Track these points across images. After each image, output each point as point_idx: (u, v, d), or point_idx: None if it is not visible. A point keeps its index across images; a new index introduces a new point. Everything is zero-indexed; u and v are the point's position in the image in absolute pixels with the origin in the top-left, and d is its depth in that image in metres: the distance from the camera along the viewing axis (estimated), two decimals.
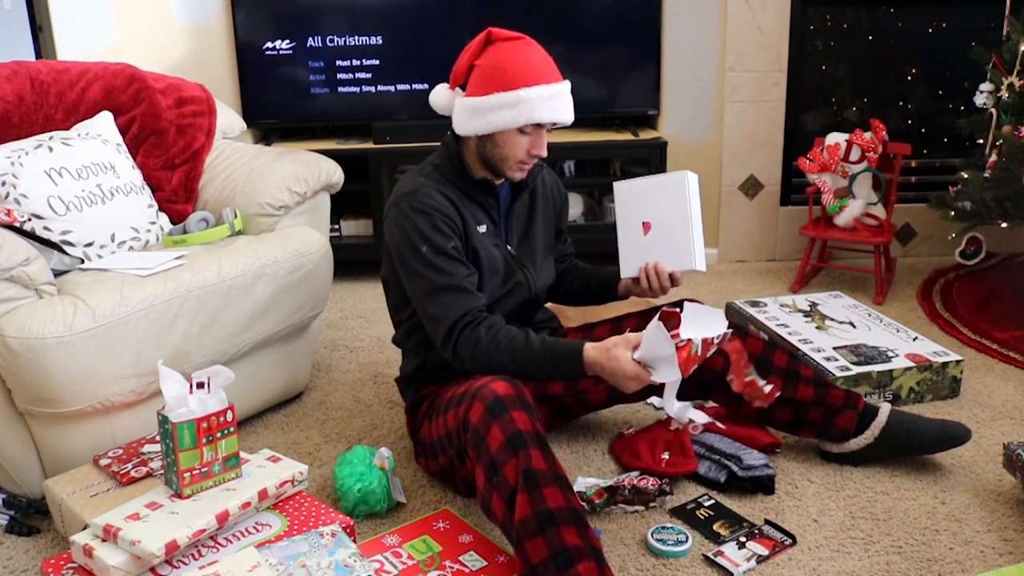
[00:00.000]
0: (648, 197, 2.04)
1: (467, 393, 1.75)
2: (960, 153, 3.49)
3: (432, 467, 2.00)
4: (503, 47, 1.85)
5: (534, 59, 1.85)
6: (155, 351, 1.98)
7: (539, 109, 1.82)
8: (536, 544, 1.54)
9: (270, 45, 3.42)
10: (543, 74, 1.84)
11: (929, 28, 3.62)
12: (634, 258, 2.04)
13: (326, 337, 2.93)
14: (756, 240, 3.71)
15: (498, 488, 1.61)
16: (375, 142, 3.45)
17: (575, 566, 1.50)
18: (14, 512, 1.93)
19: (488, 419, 1.66)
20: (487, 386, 1.71)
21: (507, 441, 1.62)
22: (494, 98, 1.82)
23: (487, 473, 1.64)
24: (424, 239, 1.84)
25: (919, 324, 2.97)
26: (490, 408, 1.67)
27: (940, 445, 2.03)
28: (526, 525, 1.55)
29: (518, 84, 1.81)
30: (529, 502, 1.56)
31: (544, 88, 1.82)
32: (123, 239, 2.26)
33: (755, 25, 3.45)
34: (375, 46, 3.46)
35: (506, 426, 1.64)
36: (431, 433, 1.92)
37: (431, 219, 1.85)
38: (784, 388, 2.01)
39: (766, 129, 3.57)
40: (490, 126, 1.85)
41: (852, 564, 1.76)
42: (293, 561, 1.59)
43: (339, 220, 3.49)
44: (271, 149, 2.67)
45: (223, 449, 1.75)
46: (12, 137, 2.30)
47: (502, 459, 1.62)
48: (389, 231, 1.93)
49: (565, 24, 3.49)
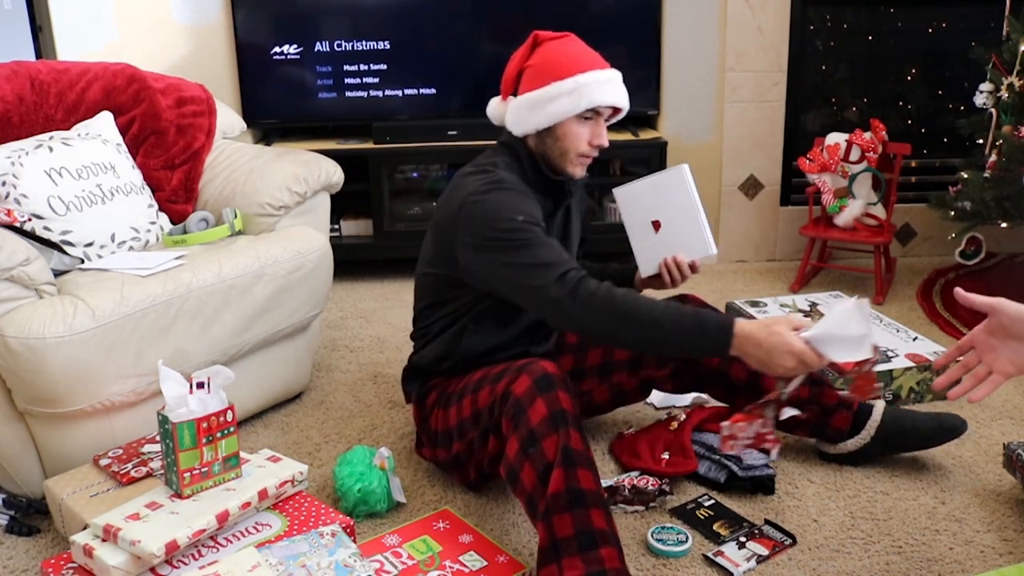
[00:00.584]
0: (650, 197, 2.06)
1: (508, 370, 1.75)
2: (960, 153, 3.49)
3: (441, 456, 1.98)
4: (551, 45, 1.89)
5: (584, 50, 1.90)
6: (155, 351, 1.98)
7: (597, 92, 1.83)
8: (564, 520, 1.55)
9: (278, 50, 3.42)
10: (596, 61, 1.88)
11: (929, 28, 3.62)
12: (651, 257, 2.06)
13: (326, 337, 2.93)
14: (756, 240, 3.71)
15: (533, 459, 1.62)
16: (375, 142, 3.45)
17: (598, 548, 1.53)
18: (14, 512, 1.93)
19: (534, 392, 1.66)
20: (535, 363, 1.72)
21: (550, 416, 1.63)
22: (552, 88, 1.83)
23: (523, 444, 1.64)
24: (520, 211, 1.78)
25: (919, 324, 2.97)
26: (537, 382, 1.67)
27: (937, 438, 2.03)
28: (557, 499, 1.57)
29: (574, 71, 1.83)
30: (564, 478, 1.58)
31: (600, 73, 1.85)
32: (123, 239, 2.26)
33: (755, 25, 3.45)
34: (382, 50, 3.46)
35: (551, 402, 1.65)
36: (445, 420, 1.91)
37: (524, 197, 1.83)
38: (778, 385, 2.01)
39: (766, 129, 3.57)
40: (550, 117, 1.85)
41: (852, 564, 1.76)
42: (293, 561, 1.59)
43: (339, 220, 3.49)
44: (271, 149, 2.67)
45: (223, 449, 1.75)
46: (12, 137, 2.30)
47: (543, 432, 1.63)
48: (470, 219, 1.80)
49: (565, 24, 3.44)
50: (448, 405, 1.92)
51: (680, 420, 2.14)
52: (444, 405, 1.94)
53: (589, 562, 1.52)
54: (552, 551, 1.55)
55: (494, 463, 1.82)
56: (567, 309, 1.70)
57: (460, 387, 1.90)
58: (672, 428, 2.12)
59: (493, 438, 1.78)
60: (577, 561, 1.52)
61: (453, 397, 1.91)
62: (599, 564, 1.53)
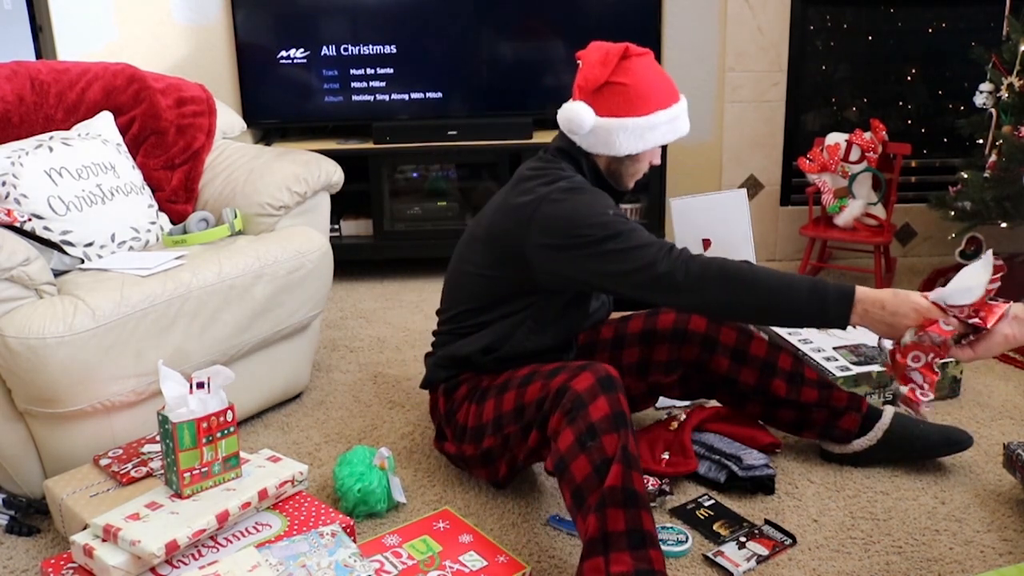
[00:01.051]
0: (706, 214, 2.08)
1: (565, 368, 1.76)
2: (960, 153, 3.49)
3: (468, 451, 1.96)
4: (643, 63, 1.87)
5: (667, 75, 1.93)
6: (155, 351, 1.98)
7: (684, 122, 1.93)
8: (617, 514, 1.56)
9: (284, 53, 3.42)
10: (674, 90, 1.93)
11: (929, 28, 3.62)
12: None
13: (326, 337, 2.93)
14: (756, 240, 3.69)
15: (590, 452, 1.62)
16: (375, 142, 3.45)
17: (648, 549, 1.55)
18: (14, 512, 1.93)
19: (597, 390, 1.67)
20: (597, 364, 1.73)
21: (613, 415, 1.65)
22: (655, 117, 1.87)
23: (580, 437, 1.64)
24: (607, 206, 1.81)
25: None
26: (601, 381, 1.68)
27: (942, 449, 2.04)
28: (614, 493, 1.58)
29: (671, 101, 1.89)
30: (622, 475, 1.59)
31: (678, 106, 1.91)
32: (123, 239, 2.26)
33: (755, 25, 3.45)
34: (388, 54, 3.46)
35: (613, 403, 1.66)
36: (479, 415, 1.90)
37: (605, 196, 1.86)
38: (788, 390, 2.02)
39: (766, 129, 3.57)
40: (650, 143, 1.89)
41: (852, 564, 1.76)
42: (293, 561, 1.59)
43: (339, 220, 3.49)
44: (271, 149, 2.67)
45: (223, 449, 1.75)
46: (12, 137, 2.30)
47: (604, 428, 1.63)
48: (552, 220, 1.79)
49: (565, 24, 3.48)
50: (483, 400, 1.91)
51: (680, 420, 2.14)
52: (478, 400, 1.92)
53: (638, 560, 1.54)
54: (601, 543, 1.56)
55: (531, 457, 1.84)
56: (680, 281, 1.68)
57: (500, 382, 1.89)
58: (672, 428, 2.12)
59: (536, 432, 1.78)
60: (626, 556, 1.53)
61: (491, 391, 1.90)
62: (648, 564, 1.54)
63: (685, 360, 2.04)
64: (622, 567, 1.52)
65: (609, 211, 1.78)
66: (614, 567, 1.53)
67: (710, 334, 2.02)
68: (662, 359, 2.04)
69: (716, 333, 2.02)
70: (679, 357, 2.04)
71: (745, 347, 2.02)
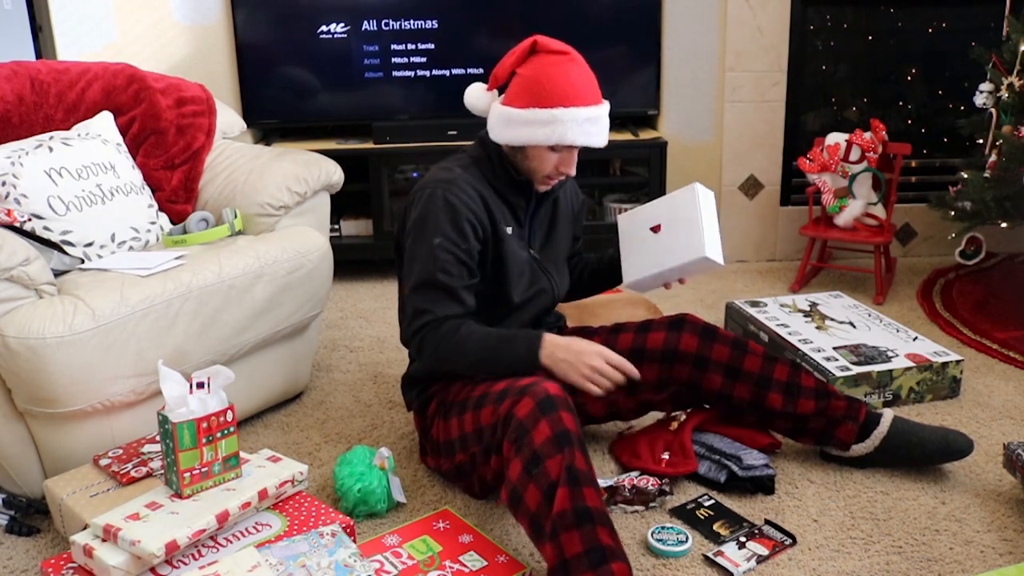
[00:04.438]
0: (654, 210, 2.05)
1: (510, 390, 1.74)
2: (960, 153, 3.49)
3: (444, 466, 1.98)
4: (547, 60, 1.83)
5: (575, 78, 1.82)
6: (155, 351, 1.98)
7: (572, 132, 1.81)
8: (572, 537, 1.55)
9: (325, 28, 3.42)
10: (582, 95, 1.82)
11: (929, 28, 3.62)
12: (637, 262, 2.03)
13: (326, 337, 2.93)
14: (756, 240, 3.71)
15: (537, 480, 1.62)
16: (375, 142, 3.45)
17: (609, 563, 1.52)
18: (14, 512, 1.93)
19: (537, 414, 1.66)
20: (538, 384, 1.72)
21: (554, 437, 1.63)
22: (529, 113, 1.82)
23: (527, 465, 1.64)
24: (441, 232, 1.84)
25: (919, 324, 2.97)
26: (540, 404, 1.67)
27: (940, 457, 2.02)
28: (564, 518, 1.56)
29: (555, 103, 1.80)
30: (569, 496, 1.58)
31: (581, 111, 1.81)
32: (123, 239, 2.26)
33: (755, 25, 3.45)
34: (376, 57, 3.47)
35: (555, 423, 1.65)
36: (447, 431, 1.91)
37: (456, 216, 1.84)
38: (785, 403, 2.01)
39: (766, 129, 3.57)
40: (521, 139, 1.85)
41: (852, 564, 1.76)
42: (293, 561, 1.59)
43: (339, 220, 3.49)
44: (271, 149, 2.67)
45: (223, 449, 1.75)
46: (12, 137, 2.30)
47: (547, 453, 1.62)
48: (414, 210, 1.89)
49: (565, 24, 3.48)
50: (448, 417, 1.91)
51: (680, 420, 2.14)
52: (444, 416, 1.93)
53: None
54: (562, 569, 1.54)
55: (497, 478, 1.81)
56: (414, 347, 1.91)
57: (462, 398, 1.89)
58: (672, 428, 2.12)
59: (495, 456, 1.78)
60: None
61: (454, 408, 1.90)
62: None
63: (676, 379, 2.02)
64: None
65: (436, 239, 1.83)
66: None
67: (702, 353, 2.00)
68: (652, 378, 2.02)
69: (708, 351, 2.00)
70: (670, 376, 2.02)
71: (739, 363, 2.00)
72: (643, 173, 3.54)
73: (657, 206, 2.06)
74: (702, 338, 2.01)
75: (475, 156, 1.96)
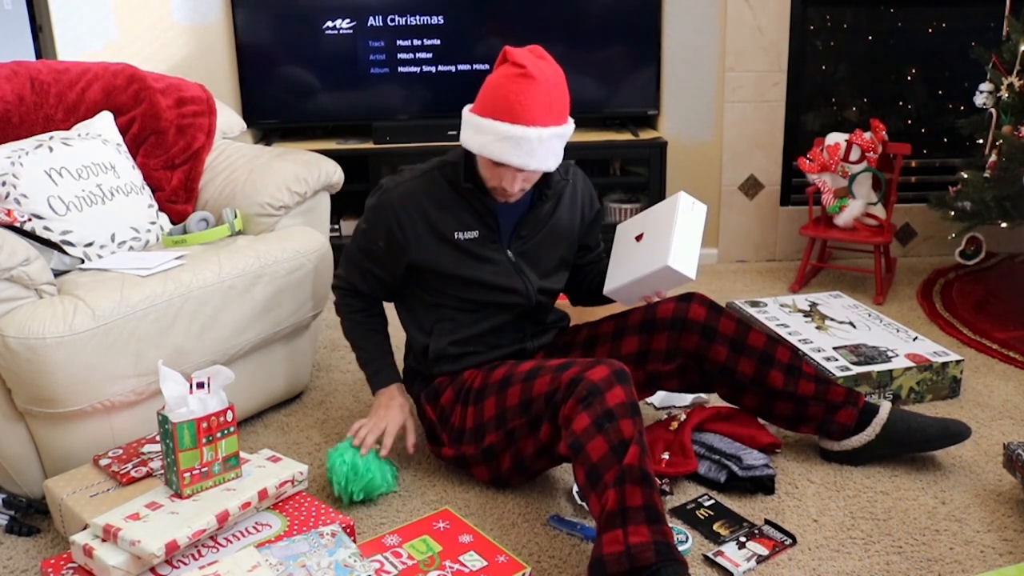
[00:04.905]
0: (643, 218, 2.06)
1: (576, 363, 1.81)
2: (960, 153, 3.49)
3: (468, 451, 1.98)
4: (504, 71, 1.82)
5: (518, 94, 1.77)
6: (155, 351, 1.98)
7: (492, 146, 1.80)
8: (635, 491, 1.62)
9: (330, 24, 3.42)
10: (515, 112, 1.77)
11: (929, 28, 3.62)
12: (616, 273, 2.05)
13: (326, 337, 2.93)
14: (756, 240, 3.71)
15: (607, 433, 1.68)
16: (375, 142, 3.45)
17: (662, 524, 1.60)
18: (14, 512, 1.93)
19: (613, 380, 1.73)
20: (606, 360, 1.79)
21: (630, 404, 1.72)
22: (471, 118, 1.85)
23: (597, 420, 1.69)
24: (361, 231, 2.05)
25: (919, 324, 2.97)
26: (616, 374, 1.75)
27: (941, 441, 2.04)
28: (632, 471, 1.63)
29: (487, 113, 1.81)
30: (640, 456, 1.65)
31: (503, 126, 1.77)
32: (123, 239, 2.26)
33: (755, 25, 3.45)
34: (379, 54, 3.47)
35: (629, 393, 1.74)
36: (478, 414, 1.94)
37: (374, 219, 1.99)
38: (786, 382, 2.03)
39: (766, 129, 3.57)
40: (466, 143, 1.88)
41: (852, 564, 1.76)
42: (293, 561, 1.59)
43: (339, 220, 3.49)
44: (271, 149, 2.67)
45: (223, 449, 1.75)
46: (12, 137, 2.30)
47: (621, 413, 1.70)
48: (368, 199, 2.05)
49: (565, 24, 3.48)
50: (481, 398, 1.94)
51: (680, 420, 2.14)
52: (475, 400, 1.95)
53: (655, 533, 1.58)
54: (620, 516, 1.60)
55: (540, 452, 1.87)
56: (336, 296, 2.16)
57: (499, 379, 1.92)
58: (672, 428, 2.12)
59: (547, 425, 1.81)
60: (644, 529, 1.58)
61: (489, 389, 1.93)
62: (663, 537, 1.58)
63: (684, 349, 2.04)
64: (641, 538, 1.57)
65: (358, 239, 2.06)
66: (632, 538, 1.57)
67: (709, 323, 2.03)
68: (661, 347, 2.05)
69: (715, 323, 2.03)
70: (678, 345, 2.04)
71: (743, 337, 2.03)
72: (643, 173, 3.54)
73: (647, 214, 2.07)
74: (710, 310, 2.05)
75: (447, 160, 2.00)
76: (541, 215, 2.04)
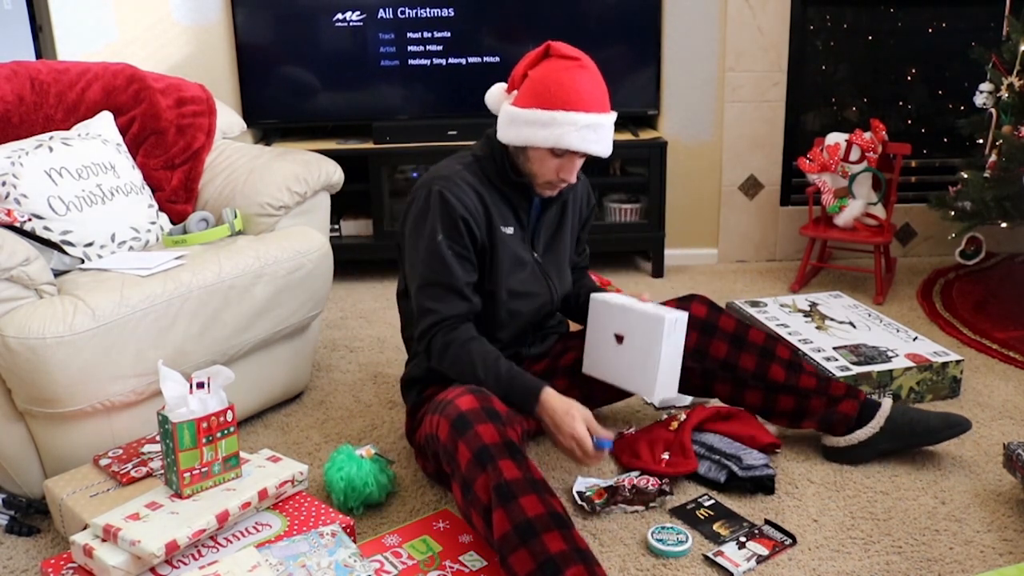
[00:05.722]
0: (624, 316, 1.97)
1: (439, 405, 1.75)
2: (960, 153, 3.49)
3: (428, 469, 2.00)
4: (556, 64, 1.84)
5: (581, 84, 1.81)
6: (155, 351, 1.98)
7: (569, 136, 1.81)
8: (521, 557, 1.52)
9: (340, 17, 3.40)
10: (585, 101, 1.81)
11: (929, 28, 3.62)
12: (598, 360, 2.04)
13: (326, 337, 2.93)
14: (756, 240, 3.71)
15: (474, 505, 1.62)
16: (375, 142, 3.45)
17: (563, 572, 1.49)
18: (14, 512, 1.93)
19: (455, 436, 1.66)
20: (452, 402, 1.71)
21: (474, 458, 1.63)
22: (530, 113, 1.82)
23: (462, 490, 1.65)
24: (441, 229, 1.86)
25: (919, 324, 2.97)
26: (455, 425, 1.67)
27: (944, 432, 2.04)
28: (507, 540, 1.54)
29: (556, 105, 1.80)
30: (506, 516, 1.56)
31: (581, 116, 1.80)
32: (123, 239, 2.26)
33: (755, 25, 3.45)
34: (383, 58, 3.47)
35: (471, 442, 1.64)
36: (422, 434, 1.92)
37: (452, 214, 1.86)
38: (787, 376, 2.04)
39: (766, 129, 3.57)
40: (521, 139, 1.86)
41: (852, 564, 1.76)
42: (293, 561, 1.59)
43: (339, 220, 3.49)
44: (271, 149, 2.67)
45: (223, 449, 1.75)
46: (12, 137, 2.30)
47: (472, 476, 1.62)
48: (414, 207, 1.92)
49: (565, 24, 3.48)
50: (422, 421, 1.93)
51: (680, 420, 2.14)
52: (420, 421, 1.96)
53: None
54: None
55: None
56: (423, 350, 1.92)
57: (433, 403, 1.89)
58: (672, 428, 2.12)
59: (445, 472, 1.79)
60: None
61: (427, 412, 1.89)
62: None
63: (685, 347, 2.03)
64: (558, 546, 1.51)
65: (439, 236, 1.86)
66: None
67: (710, 320, 2.05)
68: None
69: (715, 320, 2.05)
70: None
71: (744, 334, 2.05)
72: (643, 173, 3.54)
73: (628, 312, 1.96)
74: (710, 308, 2.07)
75: (479, 154, 1.97)
76: (553, 215, 2.05)
